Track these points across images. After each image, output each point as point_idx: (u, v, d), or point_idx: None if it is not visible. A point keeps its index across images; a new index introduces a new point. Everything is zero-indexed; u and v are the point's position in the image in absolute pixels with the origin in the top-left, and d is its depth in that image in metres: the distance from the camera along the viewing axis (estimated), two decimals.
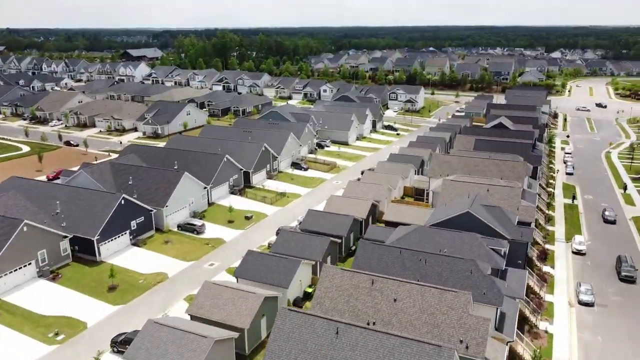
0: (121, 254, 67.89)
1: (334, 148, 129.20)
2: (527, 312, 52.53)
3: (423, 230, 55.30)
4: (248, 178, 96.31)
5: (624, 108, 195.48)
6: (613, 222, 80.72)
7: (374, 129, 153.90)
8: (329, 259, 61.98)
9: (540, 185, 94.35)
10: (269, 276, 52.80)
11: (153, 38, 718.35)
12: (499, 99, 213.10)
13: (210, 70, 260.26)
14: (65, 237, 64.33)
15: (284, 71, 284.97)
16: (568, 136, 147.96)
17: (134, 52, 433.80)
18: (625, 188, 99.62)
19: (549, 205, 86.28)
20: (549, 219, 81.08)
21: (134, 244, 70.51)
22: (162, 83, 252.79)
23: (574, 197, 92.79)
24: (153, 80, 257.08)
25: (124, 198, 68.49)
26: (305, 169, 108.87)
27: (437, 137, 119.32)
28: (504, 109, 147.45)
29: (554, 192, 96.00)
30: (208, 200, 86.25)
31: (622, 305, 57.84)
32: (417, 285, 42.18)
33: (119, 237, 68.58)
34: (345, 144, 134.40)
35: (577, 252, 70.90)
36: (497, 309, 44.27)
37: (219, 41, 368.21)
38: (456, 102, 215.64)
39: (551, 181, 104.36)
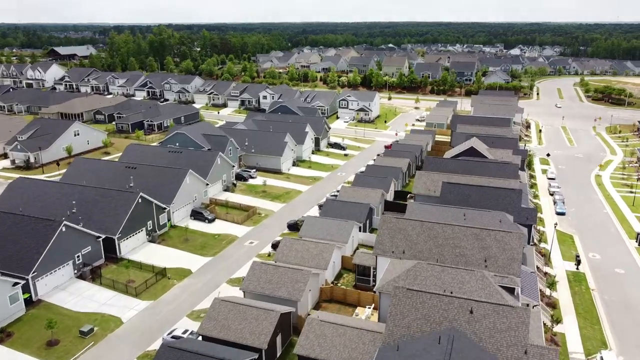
0: None
1: (259, 180, 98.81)
2: None
3: None
4: (114, 247, 64.80)
5: (600, 114, 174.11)
6: None
7: (317, 148, 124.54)
8: None
9: (533, 243, 67.61)
10: None
11: (100, 34, 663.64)
12: (464, 103, 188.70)
13: (133, 73, 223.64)
14: None
15: (225, 72, 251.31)
16: (548, 154, 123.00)
17: (63, 50, 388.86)
18: (638, 240, 74.27)
19: (552, 285, 58.85)
20: (556, 317, 53.35)
21: None
22: (77, 89, 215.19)
23: (578, 262, 66.34)
24: (66, 85, 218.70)
25: None
26: (211, 221, 77.95)
27: (392, 167, 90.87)
28: (473, 123, 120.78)
29: (549, 252, 69.32)
30: (31, 296, 54.45)
31: None
32: None
33: None
34: (278, 172, 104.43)
35: None
36: None
37: (155, 38, 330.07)
38: (416, 108, 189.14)
39: (541, 229, 77.89)
